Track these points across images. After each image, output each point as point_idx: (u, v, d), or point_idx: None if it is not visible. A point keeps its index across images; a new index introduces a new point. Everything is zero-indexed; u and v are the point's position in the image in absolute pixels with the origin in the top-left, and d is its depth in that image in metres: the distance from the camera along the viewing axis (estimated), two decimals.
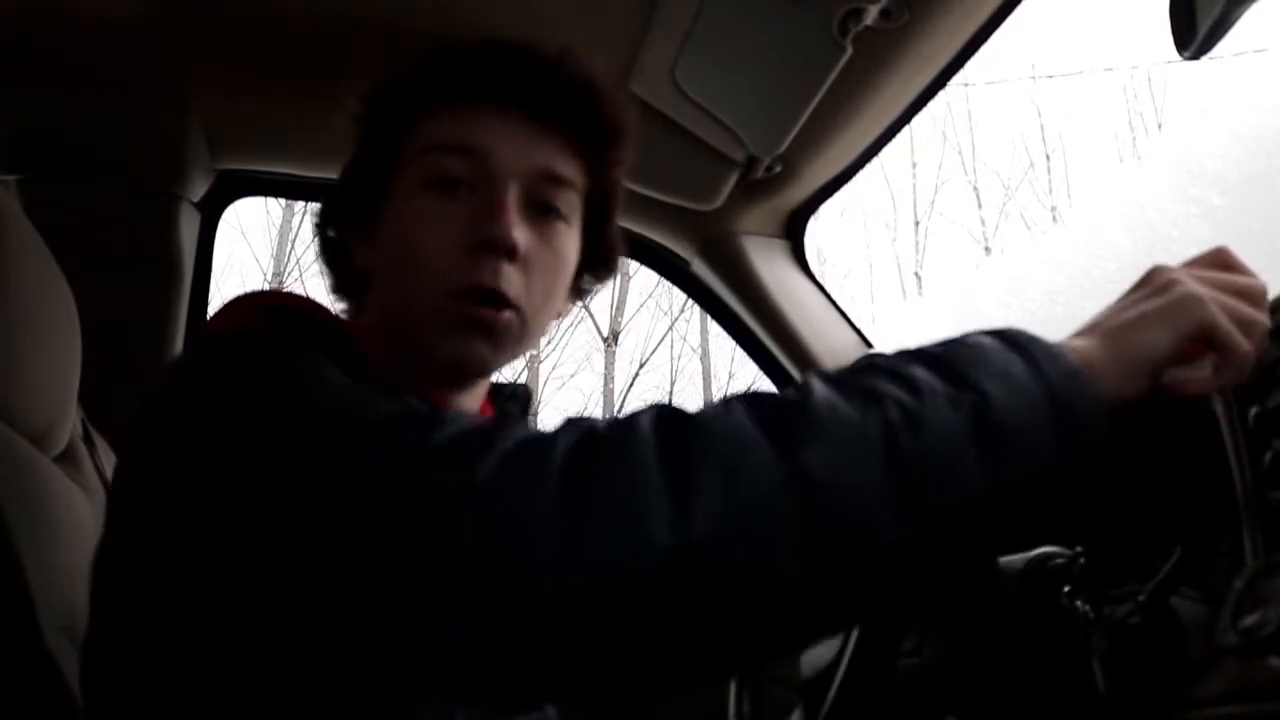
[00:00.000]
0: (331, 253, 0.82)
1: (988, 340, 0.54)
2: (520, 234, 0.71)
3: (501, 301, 0.71)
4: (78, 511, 0.79)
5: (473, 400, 0.80)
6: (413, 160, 0.74)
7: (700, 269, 1.57)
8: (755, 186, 1.42)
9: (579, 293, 0.84)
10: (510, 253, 0.71)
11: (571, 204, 0.76)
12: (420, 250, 0.71)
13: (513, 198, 0.72)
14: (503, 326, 0.72)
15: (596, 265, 0.83)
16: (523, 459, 0.49)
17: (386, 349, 0.73)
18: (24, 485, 0.72)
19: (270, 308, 0.69)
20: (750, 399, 0.52)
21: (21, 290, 0.74)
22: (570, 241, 0.77)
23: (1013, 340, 0.54)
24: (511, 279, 0.71)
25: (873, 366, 0.53)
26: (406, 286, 0.73)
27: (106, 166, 1.33)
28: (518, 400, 0.88)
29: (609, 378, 9.94)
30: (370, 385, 0.57)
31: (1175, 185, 4.99)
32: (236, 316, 0.68)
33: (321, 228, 0.83)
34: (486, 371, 0.78)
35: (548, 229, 0.75)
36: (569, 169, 0.76)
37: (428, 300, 0.71)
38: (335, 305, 0.83)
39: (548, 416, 9.84)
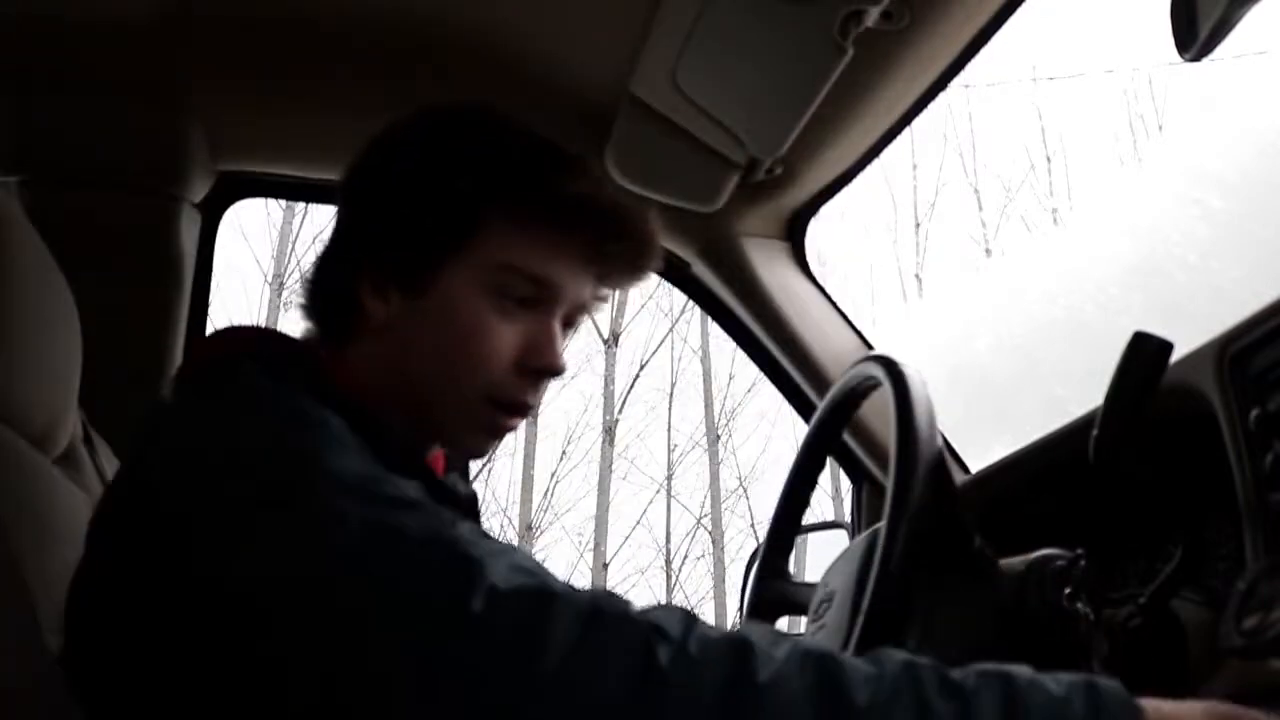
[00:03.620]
0: (329, 282, 0.78)
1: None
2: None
3: (527, 412, 0.78)
4: (78, 513, 0.79)
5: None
6: (483, 265, 0.74)
7: (701, 271, 1.57)
8: (756, 188, 1.42)
9: None
10: (556, 378, 0.78)
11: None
12: (477, 356, 0.74)
13: (559, 322, 0.78)
14: (515, 429, 0.79)
15: None
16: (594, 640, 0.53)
17: (380, 398, 0.73)
18: (24, 487, 0.72)
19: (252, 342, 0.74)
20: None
21: (22, 291, 0.74)
22: None
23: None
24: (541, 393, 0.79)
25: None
26: (448, 376, 0.75)
27: (107, 168, 1.33)
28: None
29: (609, 379, 9.94)
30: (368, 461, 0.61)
31: (1176, 188, 4.98)
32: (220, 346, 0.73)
33: (329, 259, 0.79)
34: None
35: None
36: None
37: (465, 397, 0.75)
38: (302, 324, 0.80)
39: (548, 418, 9.85)
